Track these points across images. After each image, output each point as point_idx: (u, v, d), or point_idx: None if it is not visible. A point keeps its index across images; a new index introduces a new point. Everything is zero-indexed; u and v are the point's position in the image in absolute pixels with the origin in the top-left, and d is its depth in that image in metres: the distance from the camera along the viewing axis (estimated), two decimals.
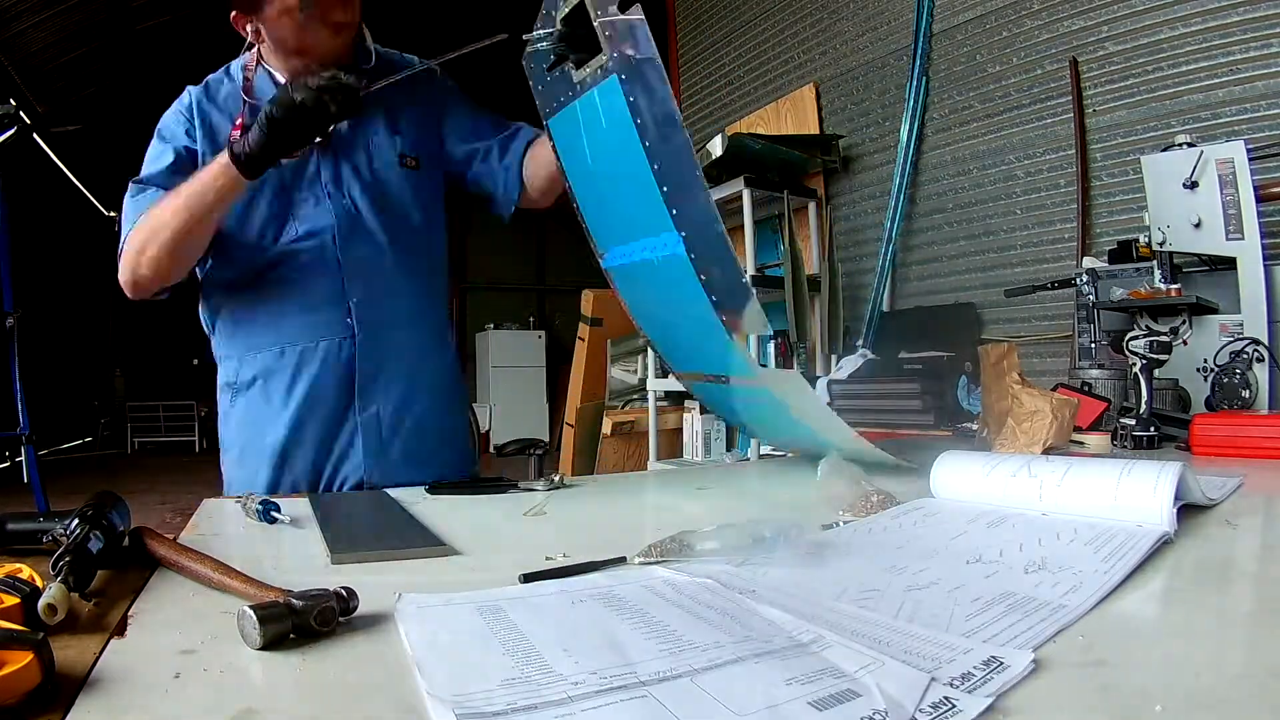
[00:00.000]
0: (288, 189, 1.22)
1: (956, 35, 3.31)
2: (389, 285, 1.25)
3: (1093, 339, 1.83)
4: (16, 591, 0.48)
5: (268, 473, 1.22)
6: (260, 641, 0.44)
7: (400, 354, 1.26)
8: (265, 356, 1.23)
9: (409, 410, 1.27)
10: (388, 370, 1.25)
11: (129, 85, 7.30)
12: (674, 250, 0.97)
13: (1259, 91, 2.44)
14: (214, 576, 0.56)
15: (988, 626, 0.48)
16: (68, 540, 0.57)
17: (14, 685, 0.37)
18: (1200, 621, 0.51)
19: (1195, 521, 0.75)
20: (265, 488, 1.21)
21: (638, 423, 4.34)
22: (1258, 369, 1.58)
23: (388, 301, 1.25)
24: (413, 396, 1.27)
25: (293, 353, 1.22)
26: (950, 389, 2.88)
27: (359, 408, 1.23)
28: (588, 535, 0.83)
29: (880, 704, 0.36)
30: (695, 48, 4.86)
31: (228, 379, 1.28)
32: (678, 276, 0.98)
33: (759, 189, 3.52)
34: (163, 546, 0.62)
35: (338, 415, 1.23)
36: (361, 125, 1.27)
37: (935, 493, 0.88)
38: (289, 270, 1.22)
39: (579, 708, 0.37)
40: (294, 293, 1.22)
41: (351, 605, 0.49)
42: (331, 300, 1.22)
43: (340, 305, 1.22)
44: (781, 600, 0.53)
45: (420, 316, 1.31)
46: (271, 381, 1.23)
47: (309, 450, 1.22)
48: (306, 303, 1.22)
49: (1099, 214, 2.86)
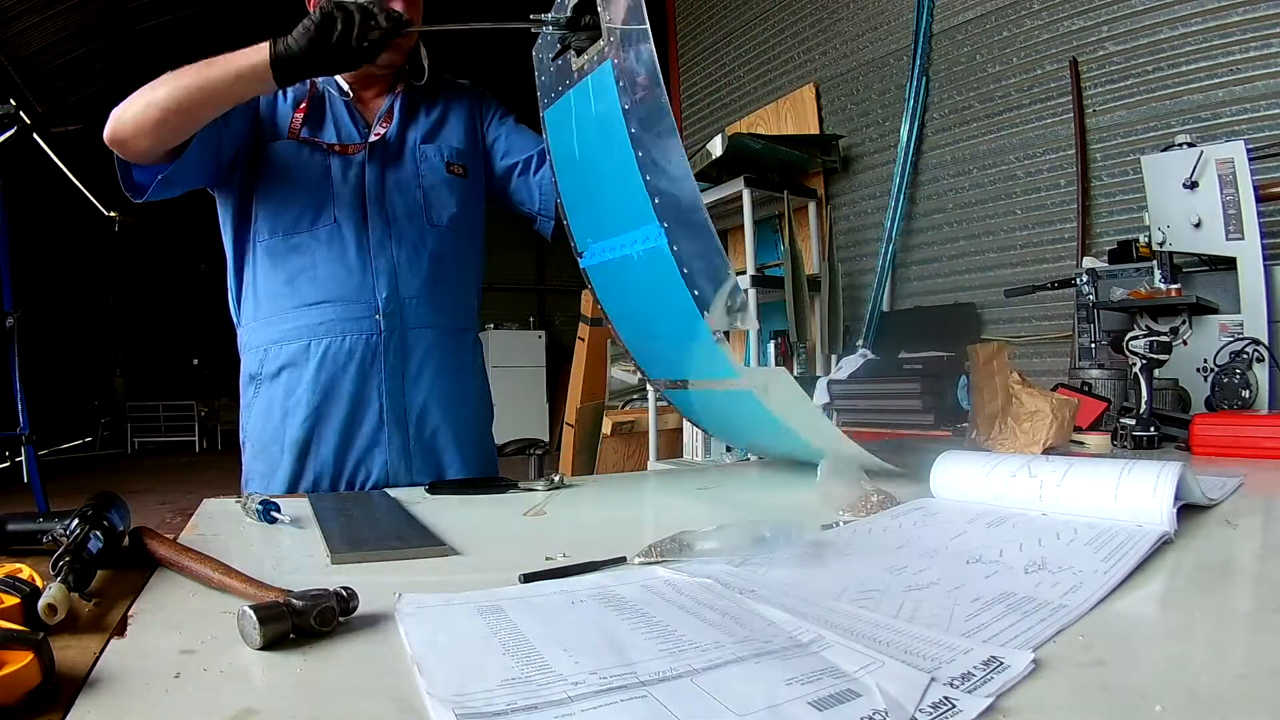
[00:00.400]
0: (330, 180, 1.23)
1: (956, 35, 3.31)
2: (421, 287, 1.26)
3: (1093, 339, 1.83)
4: (17, 592, 0.48)
5: (288, 467, 1.22)
6: (260, 642, 0.44)
7: (427, 353, 1.27)
8: (291, 349, 1.23)
9: (433, 409, 1.27)
10: (413, 369, 1.25)
11: (129, 86, 7.29)
12: (655, 243, 0.95)
13: (1259, 91, 2.44)
14: (215, 577, 0.56)
15: (988, 626, 0.48)
16: (67, 540, 0.57)
17: (14, 685, 0.37)
18: (1200, 622, 0.51)
19: (1195, 521, 0.75)
20: (285, 482, 1.21)
21: (638, 423, 4.34)
22: (1258, 369, 1.58)
23: (417, 302, 1.26)
24: (438, 396, 1.27)
25: (318, 347, 1.22)
26: (950, 389, 2.88)
27: (384, 405, 1.23)
28: (588, 535, 0.83)
29: (880, 704, 0.36)
30: (695, 48, 4.86)
31: (252, 371, 1.27)
32: (659, 271, 0.96)
33: (759, 189, 3.52)
34: (164, 547, 0.62)
35: (361, 411, 1.23)
36: (411, 128, 1.30)
37: (935, 493, 0.88)
38: (320, 263, 1.22)
39: (579, 708, 0.37)
40: (323, 287, 1.22)
41: (351, 605, 0.49)
42: (360, 297, 1.22)
43: (369, 302, 1.23)
44: (781, 600, 0.53)
45: (449, 318, 1.31)
46: (296, 375, 1.23)
47: (331, 445, 1.22)
48: (335, 298, 1.22)
49: (1099, 214, 2.86)
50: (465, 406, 1.32)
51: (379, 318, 1.22)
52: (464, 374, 1.33)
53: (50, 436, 8.41)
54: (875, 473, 1.03)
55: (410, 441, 1.25)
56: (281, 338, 1.23)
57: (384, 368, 1.23)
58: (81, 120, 7.06)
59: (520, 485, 1.07)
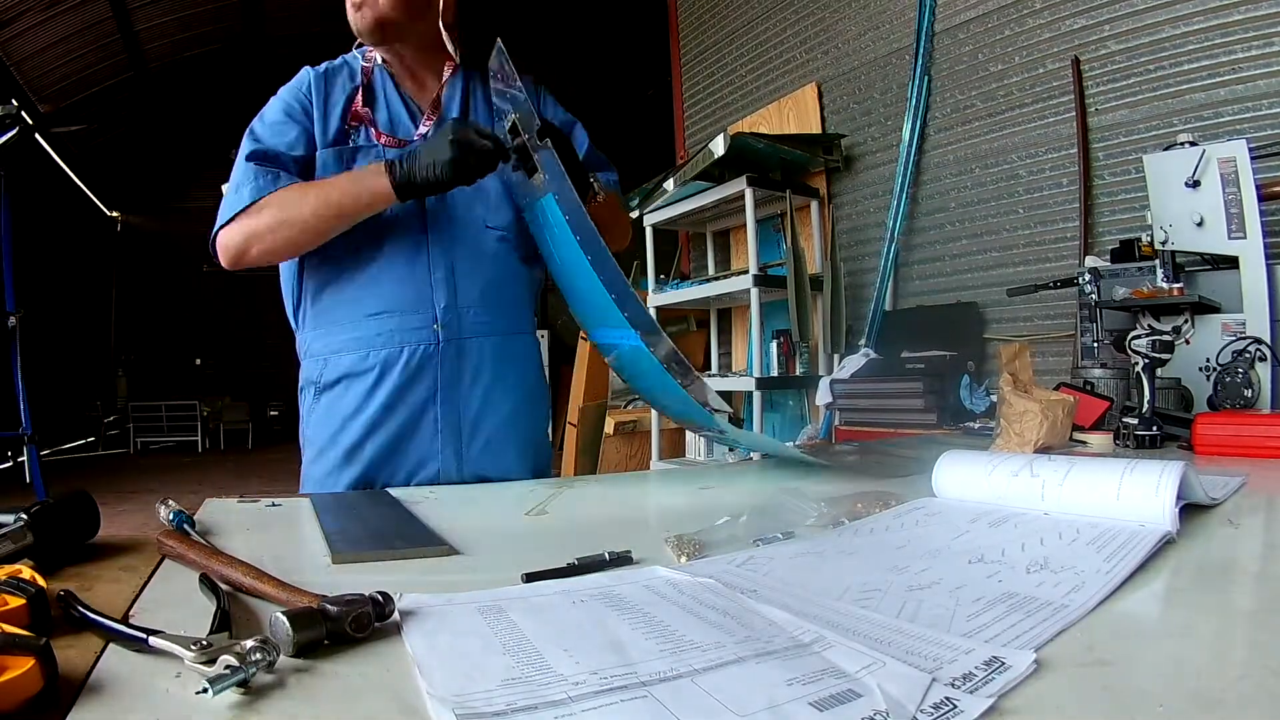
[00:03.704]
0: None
1: (958, 34, 3.31)
2: (479, 294, 1.26)
3: (1095, 338, 1.82)
4: (21, 593, 0.47)
5: (346, 471, 1.23)
6: (293, 649, 0.44)
7: (483, 360, 1.27)
8: (350, 359, 1.24)
9: (490, 414, 1.27)
10: (469, 376, 1.26)
11: (130, 85, 7.31)
12: (636, 343, 1.07)
13: (1261, 90, 2.43)
14: (245, 581, 0.55)
15: (989, 626, 0.48)
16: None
17: (14, 692, 0.36)
18: (1202, 622, 0.51)
19: (1198, 521, 0.74)
20: (343, 486, 1.23)
21: (640, 422, 4.34)
22: (1260, 368, 1.58)
23: (475, 310, 1.26)
24: (495, 400, 1.28)
25: (377, 356, 1.23)
26: (952, 388, 2.88)
27: (440, 412, 1.24)
28: (589, 535, 0.83)
29: (881, 704, 0.36)
30: (697, 47, 4.86)
31: (310, 377, 1.29)
32: (645, 363, 1.08)
33: (761, 188, 3.52)
34: (192, 551, 0.62)
35: (419, 417, 1.23)
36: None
37: (937, 492, 0.88)
38: (378, 273, 1.24)
39: (579, 708, 0.37)
40: (382, 298, 1.23)
41: (388, 610, 0.48)
42: (419, 307, 1.23)
43: (428, 312, 1.23)
44: (782, 600, 0.53)
45: (505, 323, 1.31)
46: (355, 383, 1.24)
47: (389, 450, 1.23)
48: (394, 309, 1.23)
49: (1101, 213, 2.85)
50: (520, 412, 1.32)
51: (437, 328, 1.23)
52: (520, 379, 1.33)
53: (52, 437, 8.43)
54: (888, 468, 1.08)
55: (464, 448, 1.26)
56: (341, 347, 1.25)
57: (440, 376, 1.24)
58: (83, 121, 7.08)
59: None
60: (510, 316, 1.31)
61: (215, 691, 0.37)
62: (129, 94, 7.46)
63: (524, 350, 1.35)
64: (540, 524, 0.87)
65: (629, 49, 7.73)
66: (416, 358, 1.23)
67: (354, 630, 0.46)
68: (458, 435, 1.25)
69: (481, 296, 1.26)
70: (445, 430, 1.24)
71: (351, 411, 1.24)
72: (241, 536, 0.78)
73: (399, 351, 1.22)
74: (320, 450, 1.26)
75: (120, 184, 10.11)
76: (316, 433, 1.27)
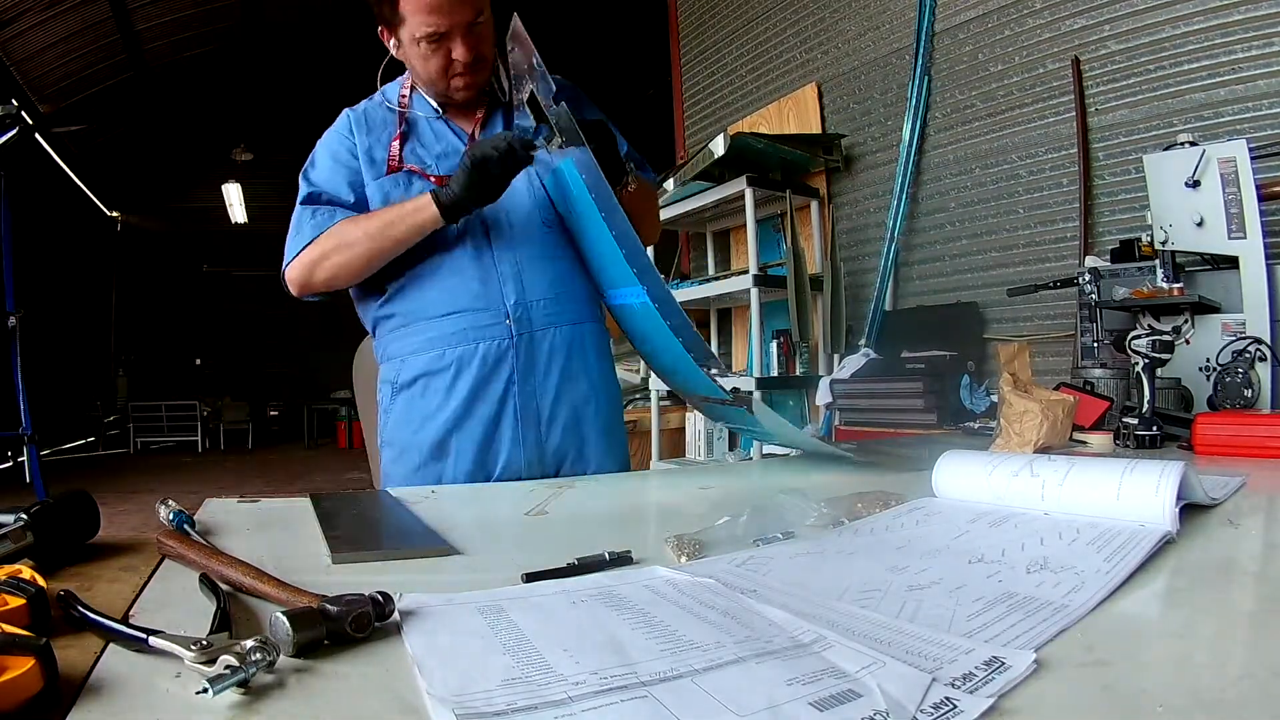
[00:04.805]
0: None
1: (958, 34, 3.31)
2: (546, 288, 1.30)
3: (1095, 338, 1.82)
4: (21, 593, 0.47)
5: (427, 470, 1.27)
6: (293, 649, 0.44)
7: (554, 352, 1.30)
8: (426, 359, 1.29)
9: (564, 401, 1.31)
10: (542, 369, 1.29)
11: (130, 86, 7.31)
12: (644, 299, 1.15)
13: (1261, 90, 2.43)
14: (245, 581, 0.55)
15: (989, 626, 0.48)
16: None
17: (14, 692, 0.36)
18: (1202, 622, 0.51)
19: (1198, 521, 0.74)
20: (425, 483, 1.25)
21: (640, 422, 4.34)
22: (1260, 368, 1.58)
23: (544, 304, 1.29)
24: (568, 388, 1.31)
25: (452, 355, 1.27)
26: (953, 388, 2.88)
27: (517, 406, 1.28)
28: (589, 535, 0.83)
29: (881, 704, 0.36)
30: (697, 47, 4.85)
31: (388, 378, 1.33)
32: (653, 321, 1.16)
33: (761, 188, 3.52)
34: (192, 551, 0.62)
35: (496, 412, 1.27)
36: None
37: (937, 492, 0.88)
38: (449, 276, 1.28)
39: (579, 708, 0.37)
40: (454, 299, 1.27)
41: (388, 610, 0.48)
42: (489, 305, 1.27)
43: (499, 309, 1.27)
44: (783, 600, 0.53)
45: (573, 314, 1.34)
46: (432, 382, 1.28)
47: (468, 446, 1.27)
48: (465, 308, 1.27)
49: (1101, 213, 2.85)
50: (592, 399, 1.35)
51: (509, 323, 1.27)
52: (591, 366, 1.36)
53: (52, 436, 8.43)
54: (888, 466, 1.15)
55: (543, 439, 1.30)
56: (416, 349, 1.30)
57: (516, 370, 1.28)
58: (83, 121, 7.08)
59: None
60: (577, 307, 1.35)
61: (215, 691, 0.37)
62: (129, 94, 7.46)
63: (594, 339, 1.38)
64: (540, 524, 0.87)
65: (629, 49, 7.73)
66: (492, 353, 1.27)
67: (354, 630, 0.46)
68: (536, 424, 1.29)
69: (549, 289, 1.30)
70: (524, 420, 1.28)
71: (433, 410, 1.28)
72: (241, 536, 0.78)
73: (474, 348, 1.26)
74: (402, 450, 1.30)
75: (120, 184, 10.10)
76: (395, 434, 1.32)
